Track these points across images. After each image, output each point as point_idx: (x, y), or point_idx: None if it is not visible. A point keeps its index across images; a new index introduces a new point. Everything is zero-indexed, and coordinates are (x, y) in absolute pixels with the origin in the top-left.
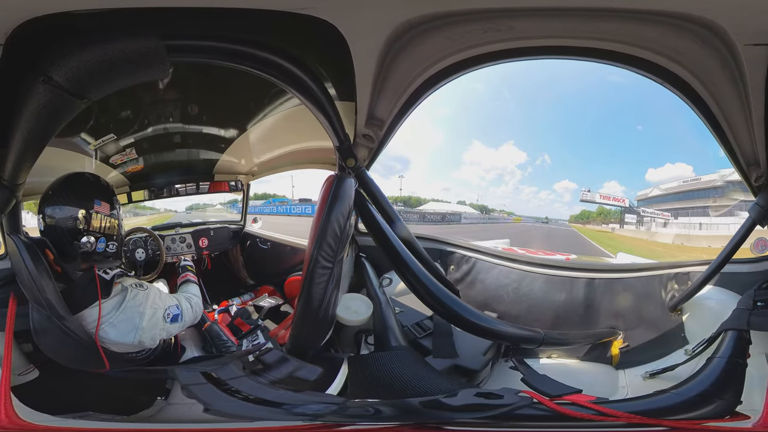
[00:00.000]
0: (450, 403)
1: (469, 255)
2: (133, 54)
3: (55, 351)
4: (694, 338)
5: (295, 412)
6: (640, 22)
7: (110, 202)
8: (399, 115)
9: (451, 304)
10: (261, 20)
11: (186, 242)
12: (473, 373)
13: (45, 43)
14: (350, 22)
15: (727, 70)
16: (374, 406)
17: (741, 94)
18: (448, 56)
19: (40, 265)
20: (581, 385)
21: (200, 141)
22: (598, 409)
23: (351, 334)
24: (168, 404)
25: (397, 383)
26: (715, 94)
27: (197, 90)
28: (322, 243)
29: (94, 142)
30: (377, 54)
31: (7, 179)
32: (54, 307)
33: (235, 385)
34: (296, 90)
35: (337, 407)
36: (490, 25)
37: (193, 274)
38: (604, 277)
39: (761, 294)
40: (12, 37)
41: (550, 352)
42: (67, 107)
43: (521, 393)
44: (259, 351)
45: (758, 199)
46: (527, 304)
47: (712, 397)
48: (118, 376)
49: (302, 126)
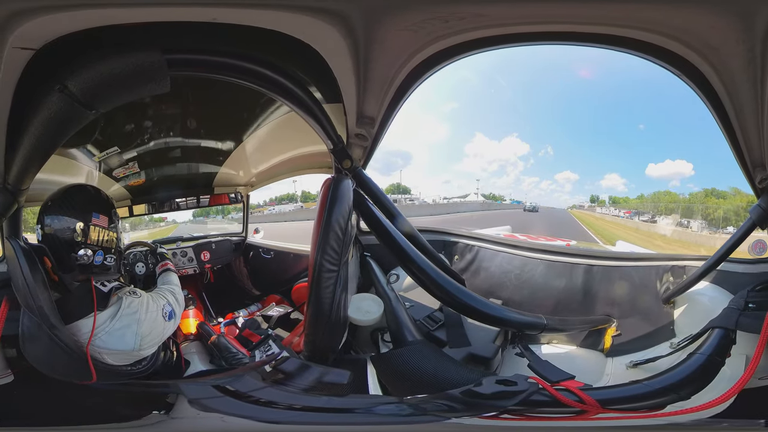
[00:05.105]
0: (482, 392)
1: (472, 244)
2: (138, 68)
3: (40, 359)
4: (681, 332)
5: (376, 413)
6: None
7: (109, 215)
8: (389, 111)
9: (459, 294)
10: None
11: (187, 256)
12: (488, 360)
13: (69, 53)
14: (301, 29)
15: (750, 69)
16: (427, 401)
17: (758, 95)
18: (423, 48)
19: (37, 272)
20: (575, 371)
21: (199, 154)
22: (579, 395)
23: (367, 333)
24: (170, 418)
25: (427, 377)
26: (732, 93)
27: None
28: (326, 247)
29: (98, 155)
30: (347, 53)
31: (11, 183)
32: (46, 315)
33: (263, 395)
34: (283, 97)
35: (400, 407)
36: (449, 13)
37: (170, 261)
38: (603, 264)
39: (754, 296)
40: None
41: (550, 338)
42: (76, 117)
43: (530, 379)
44: (276, 360)
45: (760, 201)
46: (529, 291)
47: (678, 390)
48: (102, 389)
49: (295, 133)
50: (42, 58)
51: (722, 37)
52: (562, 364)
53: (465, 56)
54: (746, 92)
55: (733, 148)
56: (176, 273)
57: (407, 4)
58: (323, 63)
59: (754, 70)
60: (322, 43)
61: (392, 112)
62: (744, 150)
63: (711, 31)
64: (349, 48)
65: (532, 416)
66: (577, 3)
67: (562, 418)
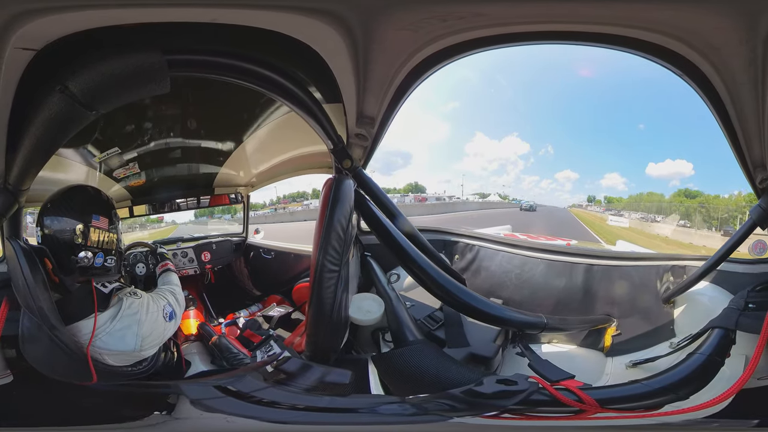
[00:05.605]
0: (483, 392)
1: (472, 243)
2: (138, 68)
3: (41, 360)
4: (681, 332)
5: (379, 412)
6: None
7: (109, 216)
8: (389, 111)
9: (459, 293)
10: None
11: (188, 257)
12: (488, 360)
13: (70, 53)
14: (300, 29)
15: (751, 70)
16: (429, 401)
17: (759, 96)
18: (422, 47)
19: (37, 273)
20: (575, 371)
21: (199, 155)
22: (579, 394)
23: (368, 333)
24: (173, 419)
25: (428, 376)
26: (733, 93)
27: (195, 105)
28: (327, 247)
29: (99, 155)
30: (346, 53)
31: (11, 184)
32: (46, 316)
33: (265, 396)
34: (283, 98)
35: (403, 406)
36: (447, 13)
37: (171, 262)
38: (603, 264)
39: (754, 296)
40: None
41: (551, 337)
42: (77, 118)
43: (530, 378)
44: (277, 360)
45: (761, 202)
46: (529, 290)
47: (677, 390)
48: (103, 390)
49: (295, 133)
50: (43, 58)
51: (725, 38)
52: (562, 364)
53: (465, 56)
54: (747, 92)
55: (733, 148)
56: (176, 273)
57: (406, 4)
58: (323, 63)
59: (755, 71)
60: (322, 43)
61: (392, 111)
62: (744, 150)
63: (715, 31)
64: (349, 48)
65: (532, 416)
66: (578, 2)
67: (561, 418)
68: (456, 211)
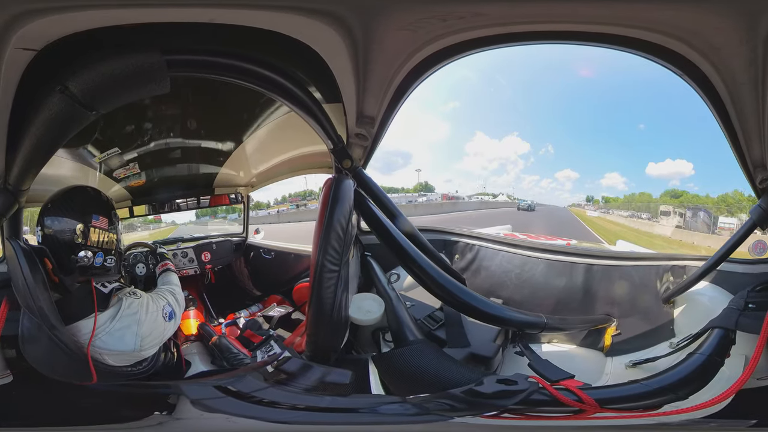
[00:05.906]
0: (483, 391)
1: (472, 243)
2: (138, 68)
3: (41, 360)
4: (681, 332)
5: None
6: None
7: (109, 216)
8: (389, 110)
9: (459, 293)
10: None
11: (188, 257)
12: (488, 360)
13: (71, 53)
14: (299, 30)
15: (751, 70)
16: (429, 400)
17: (759, 96)
18: (422, 47)
19: (37, 273)
20: (575, 371)
21: (199, 155)
22: (578, 394)
23: (368, 333)
24: (174, 419)
25: (428, 376)
26: (733, 93)
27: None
28: (327, 247)
29: (99, 155)
30: (346, 53)
31: (11, 184)
32: (46, 316)
33: (266, 396)
34: (283, 98)
35: (404, 406)
36: (447, 12)
37: (171, 262)
38: (603, 264)
39: (754, 296)
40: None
41: (551, 337)
42: (77, 118)
43: (530, 378)
44: (278, 360)
45: (761, 202)
46: (530, 290)
47: (677, 390)
48: (102, 390)
49: (295, 133)
50: (43, 59)
51: (726, 38)
52: (562, 363)
53: (464, 56)
54: (747, 92)
55: (733, 148)
56: (176, 273)
57: (405, 4)
58: (322, 63)
59: (755, 71)
60: (321, 43)
61: (392, 111)
62: (744, 150)
63: (715, 31)
64: (348, 48)
65: (532, 415)
66: (578, 2)
67: (561, 417)
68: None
